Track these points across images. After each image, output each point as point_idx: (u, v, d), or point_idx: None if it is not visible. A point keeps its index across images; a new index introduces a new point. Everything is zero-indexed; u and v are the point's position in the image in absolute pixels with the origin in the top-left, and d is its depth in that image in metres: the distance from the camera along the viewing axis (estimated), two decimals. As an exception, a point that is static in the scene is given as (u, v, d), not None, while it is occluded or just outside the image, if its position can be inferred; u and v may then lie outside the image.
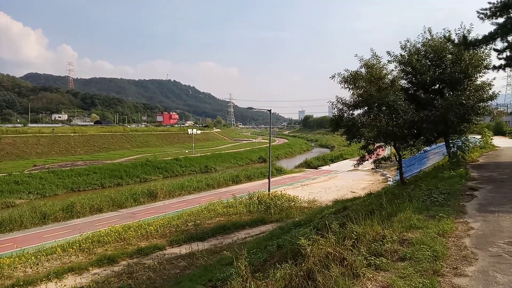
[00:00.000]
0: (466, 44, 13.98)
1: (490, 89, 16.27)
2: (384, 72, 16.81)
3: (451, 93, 16.27)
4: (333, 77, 17.06)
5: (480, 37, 13.96)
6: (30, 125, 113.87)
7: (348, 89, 16.97)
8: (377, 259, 4.98)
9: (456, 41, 14.75)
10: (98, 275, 15.56)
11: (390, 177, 40.37)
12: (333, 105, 18.07)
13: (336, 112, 18.03)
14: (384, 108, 16.34)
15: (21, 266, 16.44)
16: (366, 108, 17.18)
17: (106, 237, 19.68)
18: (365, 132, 17.37)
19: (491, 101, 16.89)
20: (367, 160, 18.17)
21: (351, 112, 17.65)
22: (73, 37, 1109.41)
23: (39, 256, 17.23)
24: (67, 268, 16.40)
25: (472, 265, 4.82)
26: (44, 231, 24.37)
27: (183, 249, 18.52)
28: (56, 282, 14.80)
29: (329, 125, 21.03)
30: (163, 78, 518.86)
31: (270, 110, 31.35)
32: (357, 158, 18.49)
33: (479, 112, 16.33)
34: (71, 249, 18.12)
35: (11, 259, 16.63)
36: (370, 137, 17.33)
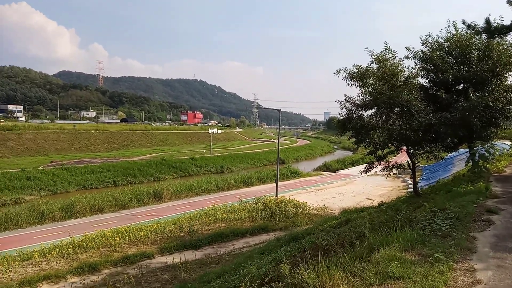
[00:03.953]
0: (490, 31, 11.73)
1: None
2: (399, 68, 14.71)
3: (476, 93, 14.08)
4: (337, 73, 15.04)
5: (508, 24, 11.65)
6: (57, 121, 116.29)
7: (355, 86, 15.00)
8: None
9: (479, 28, 12.48)
10: (71, 285, 14.31)
11: (411, 184, 37.63)
12: (341, 104, 16.12)
13: (344, 113, 16.07)
14: (397, 109, 14.39)
15: (-6, 271, 15.36)
16: (376, 108, 15.18)
17: (91, 243, 18.40)
18: (375, 136, 15.33)
19: None
20: (376, 167, 16.14)
21: (360, 113, 15.66)
22: (105, 36, 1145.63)
23: (13, 262, 16.09)
24: (43, 275, 15.17)
25: None
26: (37, 232, 23.51)
27: (174, 258, 17.04)
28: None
29: (336, 127, 18.79)
30: (190, 77, 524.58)
31: (279, 110, 29.72)
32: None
33: (509, 115, 14.19)
34: (50, 255, 16.92)
35: (-16, 263, 15.57)
36: (380, 141, 15.26)
